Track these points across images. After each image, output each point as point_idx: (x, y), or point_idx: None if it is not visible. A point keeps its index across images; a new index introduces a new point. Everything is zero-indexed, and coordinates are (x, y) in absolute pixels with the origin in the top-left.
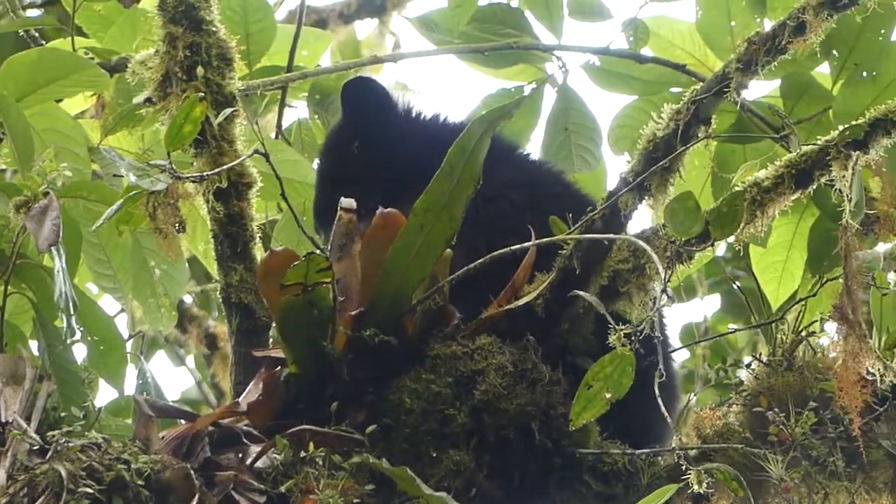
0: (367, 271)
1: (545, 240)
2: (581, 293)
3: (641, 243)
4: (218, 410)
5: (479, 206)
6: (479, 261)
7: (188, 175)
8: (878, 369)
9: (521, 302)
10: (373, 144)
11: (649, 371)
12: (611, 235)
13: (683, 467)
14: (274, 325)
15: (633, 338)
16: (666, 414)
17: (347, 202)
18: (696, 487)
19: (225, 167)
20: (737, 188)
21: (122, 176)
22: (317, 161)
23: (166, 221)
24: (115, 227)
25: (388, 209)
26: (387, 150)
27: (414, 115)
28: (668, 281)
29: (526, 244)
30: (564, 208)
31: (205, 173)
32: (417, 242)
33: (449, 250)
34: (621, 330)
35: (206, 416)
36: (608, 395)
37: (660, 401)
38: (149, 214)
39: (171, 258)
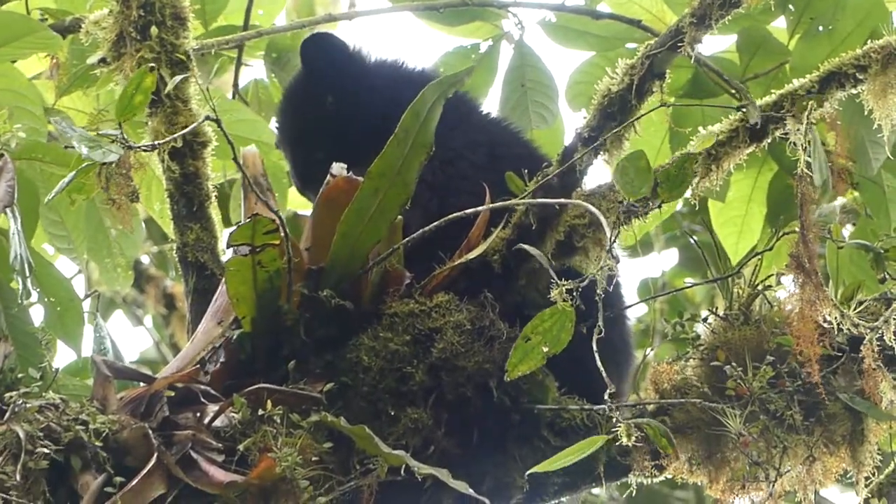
0: (323, 232)
1: (496, 204)
2: (526, 247)
3: (591, 207)
4: (178, 374)
5: (437, 169)
6: (434, 224)
7: (140, 144)
8: (835, 318)
9: (474, 254)
10: (346, 98)
11: (608, 326)
12: (561, 200)
13: (614, 420)
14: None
15: (574, 293)
16: (607, 379)
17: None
18: (624, 440)
19: (176, 135)
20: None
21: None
22: (278, 122)
23: (119, 192)
24: (68, 195)
25: (349, 174)
26: (360, 101)
27: (371, 60)
28: (614, 241)
29: (479, 208)
30: (524, 168)
31: (157, 142)
32: (372, 206)
33: (400, 217)
34: (563, 285)
35: (165, 378)
36: (545, 350)
37: (600, 363)
38: (101, 186)
39: (126, 228)
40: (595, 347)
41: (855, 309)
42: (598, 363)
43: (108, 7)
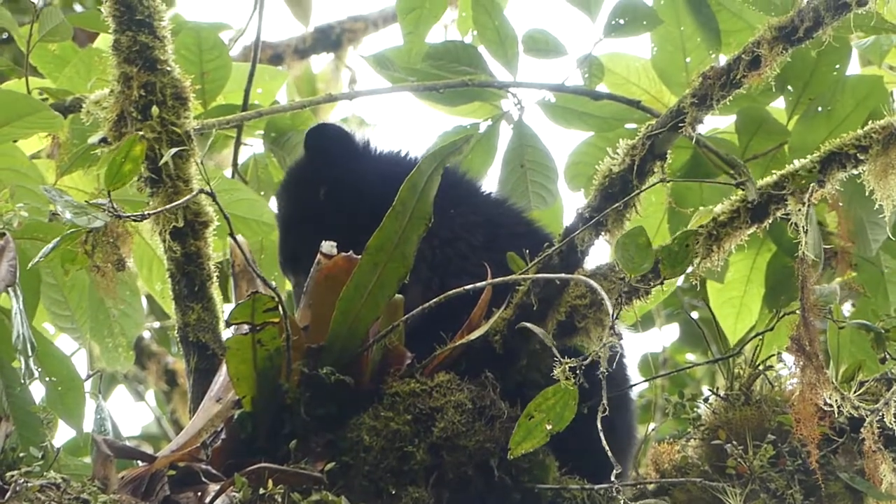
0: (322, 310)
1: (499, 280)
2: (530, 325)
3: (592, 282)
4: (178, 453)
5: (436, 248)
6: (434, 300)
7: (128, 214)
8: (836, 400)
9: (476, 335)
10: (340, 190)
11: (611, 406)
12: (564, 276)
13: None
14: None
15: (578, 371)
16: (612, 459)
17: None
18: None
19: (165, 208)
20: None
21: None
22: (277, 199)
23: (105, 260)
24: (61, 265)
25: (349, 253)
26: (354, 194)
27: (376, 152)
28: (617, 319)
29: (480, 284)
30: (523, 248)
31: (146, 212)
32: (371, 281)
33: (400, 295)
34: (566, 363)
35: (166, 457)
36: (549, 427)
37: (605, 443)
38: (86, 252)
39: (110, 297)
40: (599, 427)
41: (855, 390)
42: (605, 446)
43: (109, 87)
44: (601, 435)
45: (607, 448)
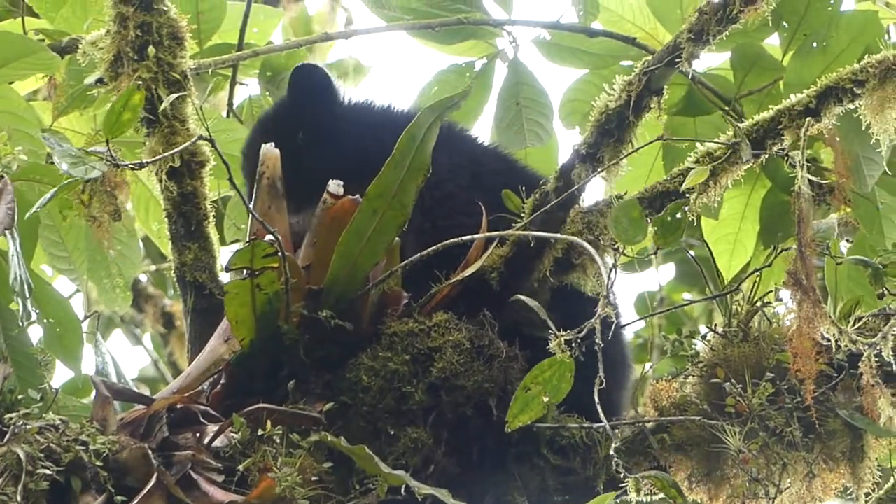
0: (324, 251)
1: (493, 234)
2: (524, 298)
3: (587, 245)
4: (177, 396)
5: (424, 192)
6: (434, 248)
7: (128, 163)
8: (833, 335)
9: (470, 271)
10: (318, 135)
11: (605, 345)
12: (556, 235)
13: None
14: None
15: (574, 345)
16: (602, 415)
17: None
18: (633, 495)
19: (164, 155)
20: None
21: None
22: (253, 132)
23: (101, 210)
24: (59, 212)
25: (356, 196)
26: (332, 140)
27: (357, 104)
28: (611, 289)
29: (475, 236)
30: (505, 184)
31: (145, 160)
32: (370, 227)
33: (398, 239)
34: (562, 336)
35: (164, 399)
36: (546, 399)
37: (598, 404)
38: (83, 203)
39: (105, 246)
40: (597, 400)
41: (853, 325)
42: (599, 411)
43: (106, 27)
44: (598, 405)
45: (601, 413)
